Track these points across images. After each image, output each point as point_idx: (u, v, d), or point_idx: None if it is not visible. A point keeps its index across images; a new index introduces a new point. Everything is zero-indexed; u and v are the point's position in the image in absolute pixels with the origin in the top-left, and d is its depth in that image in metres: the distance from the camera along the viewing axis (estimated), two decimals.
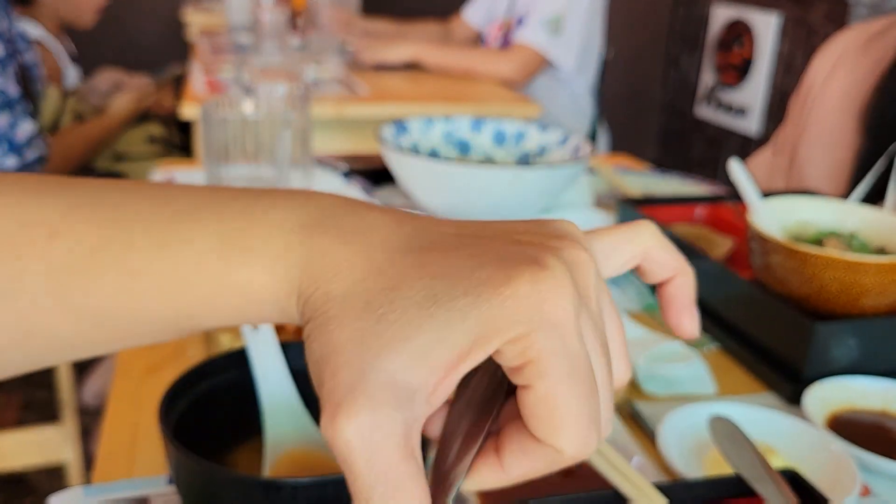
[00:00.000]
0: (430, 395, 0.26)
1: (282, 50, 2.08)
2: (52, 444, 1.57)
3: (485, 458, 0.29)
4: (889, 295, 0.69)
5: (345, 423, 0.25)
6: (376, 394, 0.25)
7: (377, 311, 0.26)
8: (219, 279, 0.29)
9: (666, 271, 0.34)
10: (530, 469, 0.28)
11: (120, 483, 0.54)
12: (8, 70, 1.56)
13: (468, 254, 0.27)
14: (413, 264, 0.27)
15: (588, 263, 0.28)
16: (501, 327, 0.26)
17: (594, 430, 0.27)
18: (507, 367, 0.27)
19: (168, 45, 3.68)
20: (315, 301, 0.28)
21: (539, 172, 0.97)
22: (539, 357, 0.26)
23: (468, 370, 0.26)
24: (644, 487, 0.47)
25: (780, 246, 0.71)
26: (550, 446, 0.27)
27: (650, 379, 0.69)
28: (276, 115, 0.89)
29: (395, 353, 0.26)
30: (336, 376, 0.26)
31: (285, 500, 0.39)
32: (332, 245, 0.28)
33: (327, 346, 0.26)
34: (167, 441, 0.44)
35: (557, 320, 0.26)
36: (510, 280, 0.26)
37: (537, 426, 0.27)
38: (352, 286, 0.27)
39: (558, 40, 2.09)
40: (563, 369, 0.26)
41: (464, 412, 0.29)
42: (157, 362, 0.71)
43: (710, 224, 1.00)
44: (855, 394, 0.67)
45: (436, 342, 0.26)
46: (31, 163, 1.61)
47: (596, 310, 0.29)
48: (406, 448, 0.26)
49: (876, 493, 0.58)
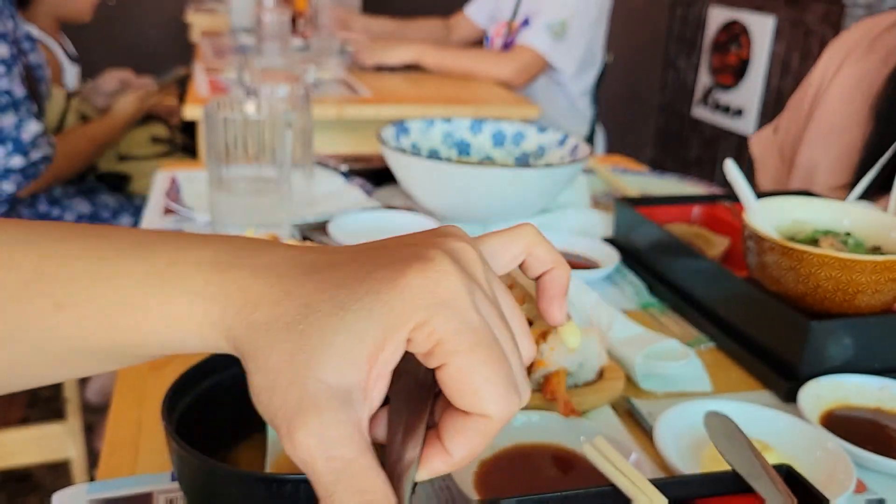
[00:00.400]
0: (364, 391, 0.29)
1: (283, 51, 2.08)
2: (57, 441, 1.57)
3: (431, 447, 0.31)
4: (884, 293, 0.70)
5: (300, 433, 0.28)
6: (319, 401, 0.28)
7: (297, 329, 0.29)
8: (144, 312, 0.31)
9: (544, 265, 0.37)
10: (470, 444, 0.31)
11: (123, 480, 0.54)
12: (13, 71, 1.56)
13: (363, 264, 0.31)
14: (318, 282, 0.30)
15: (470, 251, 0.32)
16: (404, 316, 0.29)
17: (513, 392, 0.30)
18: (422, 355, 0.30)
19: (172, 47, 3.69)
20: (239, 332, 0.30)
21: (538, 173, 0.98)
22: (444, 337, 0.29)
23: (391, 364, 0.29)
24: (642, 484, 0.47)
25: (776, 245, 0.71)
26: (478, 415, 0.30)
27: (647, 377, 0.70)
28: (277, 115, 0.90)
29: (323, 361, 0.28)
30: (283, 398, 0.29)
31: (287, 495, 0.40)
32: (247, 279, 0.31)
33: (267, 376, 0.29)
34: (170, 438, 0.44)
35: (451, 300, 0.29)
36: (403, 274, 0.30)
37: (461, 399, 0.30)
38: (271, 314, 0.30)
39: (561, 45, 2.09)
40: (468, 342, 0.29)
41: (400, 412, 0.32)
42: (161, 360, 0.71)
43: (707, 224, 1.01)
44: (850, 391, 0.68)
45: (353, 342, 0.29)
46: (36, 162, 1.61)
47: (488, 289, 0.32)
48: (360, 443, 0.28)
49: (870, 490, 0.58)
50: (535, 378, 0.64)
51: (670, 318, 0.85)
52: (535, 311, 0.80)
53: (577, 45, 2.11)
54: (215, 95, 1.76)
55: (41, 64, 1.84)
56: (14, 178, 1.59)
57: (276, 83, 1.04)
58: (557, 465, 0.57)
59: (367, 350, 0.29)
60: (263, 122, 0.89)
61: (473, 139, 1.18)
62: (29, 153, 1.60)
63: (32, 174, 1.62)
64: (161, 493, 0.53)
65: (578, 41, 2.11)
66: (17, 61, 1.59)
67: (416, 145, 1.15)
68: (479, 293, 0.31)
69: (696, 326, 0.82)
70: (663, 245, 0.90)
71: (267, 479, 0.40)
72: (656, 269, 0.91)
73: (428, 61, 2.16)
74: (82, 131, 1.87)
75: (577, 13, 2.08)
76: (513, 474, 0.56)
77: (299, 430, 0.28)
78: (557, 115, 2.25)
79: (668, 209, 1.01)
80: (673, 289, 0.87)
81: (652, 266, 0.92)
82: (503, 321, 0.32)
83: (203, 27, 3.21)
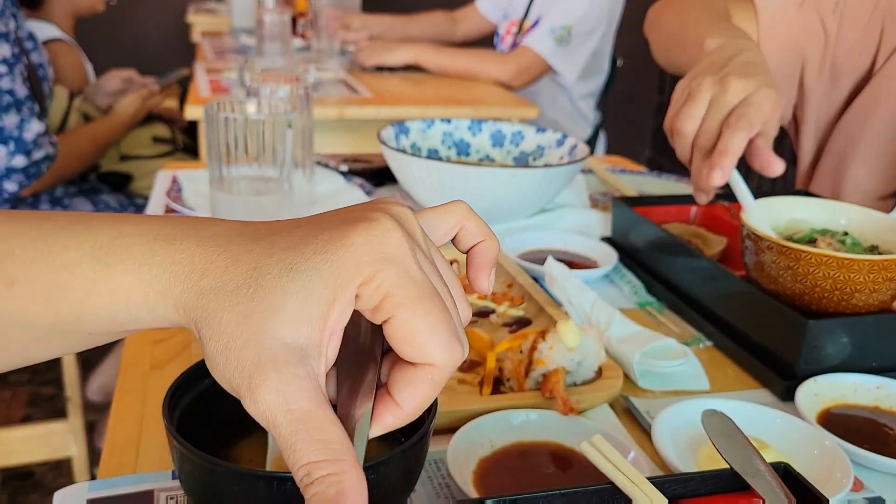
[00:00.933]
0: (319, 348, 0.30)
1: (284, 52, 2.09)
2: (58, 439, 1.58)
3: (381, 403, 0.33)
4: (881, 293, 0.70)
5: (260, 390, 0.29)
6: (277, 357, 0.29)
7: (247, 292, 0.30)
8: (92, 285, 0.32)
9: (475, 238, 0.39)
10: (419, 394, 0.32)
11: (125, 478, 0.54)
12: (15, 70, 1.57)
13: (309, 229, 0.32)
14: (265, 247, 0.31)
15: (410, 215, 0.34)
16: (352, 272, 0.30)
17: (456, 341, 0.32)
18: (370, 311, 0.31)
19: (173, 48, 3.69)
20: (189, 299, 0.31)
21: (536, 172, 0.98)
22: (390, 290, 0.30)
23: (342, 321, 0.31)
24: (640, 483, 0.47)
25: (774, 244, 0.72)
26: (424, 364, 0.32)
27: (645, 375, 0.70)
28: (278, 116, 0.90)
29: (276, 321, 0.30)
30: (239, 358, 0.29)
31: (288, 493, 0.40)
32: (193, 248, 0.32)
33: (221, 339, 0.30)
34: (171, 436, 0.44)
35: (395, 256, 0.31)
36: (349, 234, 0.31)
37: (408, 350, 0.31)
38: (220, 279, 0.31)
39: (563, 50, 2.09)
40: (413, 294, 0.31)
41: (348, 373, 0.34)
42: (163, 358, 0.72)
43: (705, 223, 1.01)
44: (847, 390, 0.68)
45: (305, 301, 0.30)
46: (38, 162, 1.62)
47: (427, 250, 0.34)
48: (318, 397, 0.29)
49: (868, 488, 0.59)
50: (534, 377, 0.64)
51: (668, 317, 0.85)
52: (532, 310, 0.81)
53: (580, 52, 2.11)
54: (216, 96, 1.76)
55: (44, 63, 1.85)
56: (16, 178, 1.60)
57: (276, 83, 1.04)
58: (556, 464, 0.58)
59: (319, 307, 0.30)
60: (264, 122, 0.89)
61: (473, 139, 1.19)
62: (31, 153, 1.60)
63: (34, 174, 1.63)
64: (162, 491, 0.54)
65: (582, 47, 2.11)
66: (19, 61, 1.59)
67: (416, 145, 1.15)
68: (419, 253, 0.33)
69: (694, 325, 0.82)
70: (661, 244, 0.90)
71: (268, 477, 0.40)
72: (654, 269, 0.91)
73: (427, 62, 2.17)
74: (84, 131, 1.88)
75: (583, 20, 2.08)
76: (512, 472, 0.56)
77: (260, 387, 0.29)
78: (559, 116, 2.26)
79: (666, 209, 1.01)
80: (671, 288, 0.87)
81: (650, 265, 0.92)
82: (440, 279, 0.33)
83: (204, 27, 3.21)
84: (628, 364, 0.70)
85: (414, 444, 0.39)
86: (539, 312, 0.78)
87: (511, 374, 0.65)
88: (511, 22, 2.30)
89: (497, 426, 0.59)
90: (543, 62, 2.09)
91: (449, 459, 0.54)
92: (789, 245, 0.71)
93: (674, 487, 0.48)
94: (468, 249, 0.39)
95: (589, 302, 0.78)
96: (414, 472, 0.41)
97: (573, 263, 0.90)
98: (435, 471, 0.57)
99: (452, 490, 0.55)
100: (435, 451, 0.58)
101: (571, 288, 0.80)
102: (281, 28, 2.07)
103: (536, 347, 0.64)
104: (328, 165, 1.26)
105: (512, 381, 0.65)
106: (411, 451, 0.39)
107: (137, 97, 1.98)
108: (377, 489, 0.34)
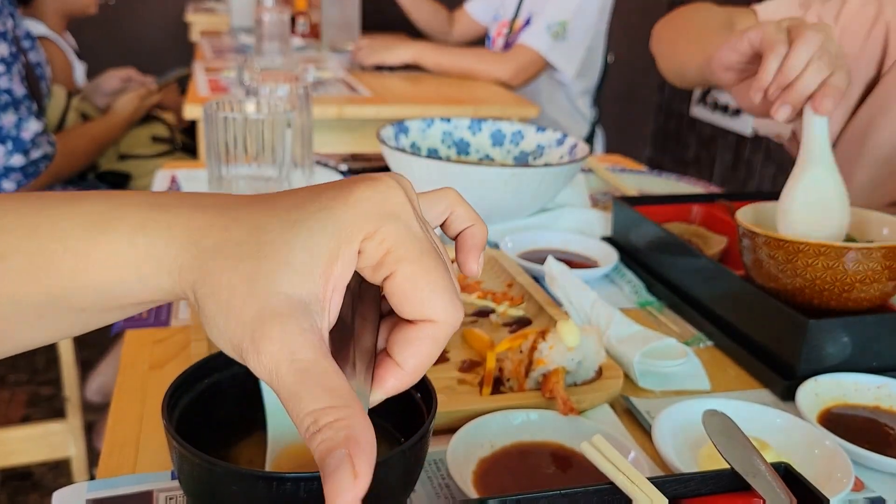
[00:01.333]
0: (322, 303, 0.30)
1: (283, 51, 2.09)
2: (57, 439, 1.58)
3: (382, 367, 0.33)
4: (882, 282, 0.70)
5: (264, 342, 0.28)
6: (281, 310, 0.29)
7: (249, 249, 0.30)
8: (84, 255, 0.31)
9: (464, 222, 0.39)
10: (420, 352, 0.32)
11: (124, 478, 0.54)
12: (13, 69, 1.57)
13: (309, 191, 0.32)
14: (265, 207, 0.32)
15: (409, 184, 0.35)
16: (355, 227, 0.30)
17: (456, 298, 0.32)
18: (372, 268, 0.31)
19: (172, 47, 3.69)
20: (186, 260, 0.30)
21: (536, 172, 0.98)
22: (393, 245, 0.31)
23: (346, 277, 0.31)
24: (640, 483, 0.47)
25: (771, 239, 0.72)
26: (424, 320, 0.31)
27: (646, 375, 0.70)
28: (277, 115, 0.90)
29: (282, 276, 0.29)
30: (241, 313, 0.29)
31: (288, 493, 0.40)
32: (191, 213, 0.31)
33: (221, 296, 0.29)
34: (170, 436, 0.44)
35: (399, 212, 0.31)
36: (353, 191, 0.31)
37: (409, 307, 0.31)
38: (220, 238, 0.30)
39: (560, 46, 2.09)
40: (415, 249, 0.31)
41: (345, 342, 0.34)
42: (162, 359, 0.71)
43: (705, 223, 1.01)
44: (848, 389, 0.68)
45: (308, 255, 0.30)
46: (36, 161, 1.62)
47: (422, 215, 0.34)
48: (322, 348, 0.29)
49: (868, 488, 0.59)
50: (534, 376, 0.64)
51: (668, 316, 0.85)
52: (532, 310, 0.81)
53: (577, 47, 2.11)
54: (215, 95, 1.76)
55: (41, 62, 1.85)
56: (14, 177, 1.60)
57: (275, 83, 1.04)
58: (556, 464, 0.57)
59: (322, 262, 0.30)
60: (263, 121, 0.89)
61: (472, 139, 1.19)
62: (29, 152, 1.60)
63: (33, 173, 1.63)
64: (161, 491, 0.53)
65: (579, 42, 2.11)
66: (17, 60, 1.59)
67: (416, 145, 1.15)
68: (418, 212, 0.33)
69: (695, 325, 0.82)
70: (661, 244, 0.90)
71: (267, 477, 0.40)
72: (654, 268, 0.91)
73: (427, 61, 2.17)
74: (83, 130, 1.88)
75: (578, 14, 2.08)
76: (512, 473, 0.56)
77: (263, 339, 0.28)
78: (558, 114, 2.26)
79: (667, 208, 1.01)
80: (671, 287, 0.87)
81: (650, 265, 0.92)
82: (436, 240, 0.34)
83: (203, 27, 3.21)
84: (628, 364, 0.70)
85: (414, 444, 0.39)
86: (539, 312, 0.78)
87: (511, 374, 0.65)
88: (502, 23, 2.30)
89: (497, 426, 0.59)
90: (542, 59, 2.09)
91: (449, 460, 0.54)
92: (786, 238, 0.71)
93: (674, 487, 0.48)
94: (457, 235, 0.40)
95: (589, 302, 0.78)
96: (414, 472, 0.41)
97: (573, 263, 0.90)
98: (435, 471, 0.57)
99: (452, 490, 0.55)
100: (435, 451, 0.58)
101: (571, 288, 0.80)
102: (280, 27, 2.07)
103: (536, 347, 0.64)
104: (328, 165, 1.25)
105: (512, 381, 0.65)
106: (411, 451, 0.39)
107: (136, 96, 1.98)
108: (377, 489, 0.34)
